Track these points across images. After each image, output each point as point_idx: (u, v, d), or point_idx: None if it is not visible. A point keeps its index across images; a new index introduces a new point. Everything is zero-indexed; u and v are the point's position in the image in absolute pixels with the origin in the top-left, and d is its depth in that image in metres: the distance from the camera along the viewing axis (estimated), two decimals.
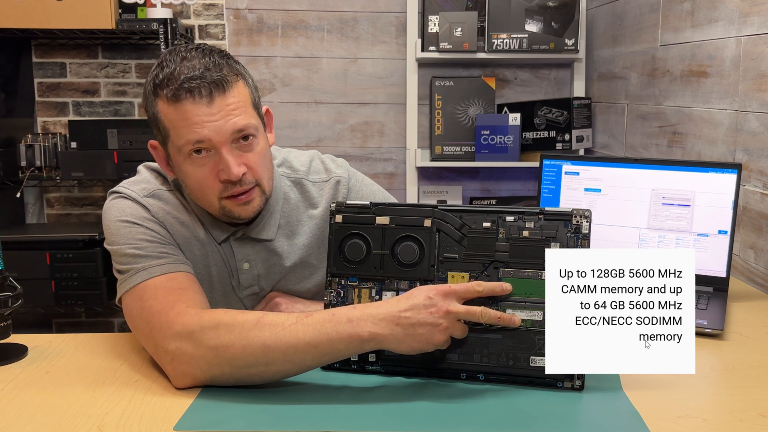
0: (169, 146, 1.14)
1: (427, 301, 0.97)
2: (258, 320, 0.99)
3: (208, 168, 1.12)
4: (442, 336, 0.97)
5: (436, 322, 0.96)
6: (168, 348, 1.01)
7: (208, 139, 1.09)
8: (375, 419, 0.92)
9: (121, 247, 1.13)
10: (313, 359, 0.98)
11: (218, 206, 1.16)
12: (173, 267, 1.12)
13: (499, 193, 3.15)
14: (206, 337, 0.99)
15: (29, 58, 2.97)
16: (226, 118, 1.10)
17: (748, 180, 1.67)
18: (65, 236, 2.71)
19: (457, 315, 0.97)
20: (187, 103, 1.08)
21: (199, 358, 0.99)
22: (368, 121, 3.10)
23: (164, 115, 1.11)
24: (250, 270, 1.24)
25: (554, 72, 3.10)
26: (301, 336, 0.97)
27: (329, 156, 1.35)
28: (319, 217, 1.28)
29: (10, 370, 1.11)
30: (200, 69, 1.09)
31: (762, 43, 1.63)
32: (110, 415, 0.94)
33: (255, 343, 0.97)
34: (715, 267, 1.43)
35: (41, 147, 2.79)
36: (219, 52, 1.13)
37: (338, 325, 0.97)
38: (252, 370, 0.98)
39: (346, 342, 0.96)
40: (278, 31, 3.03)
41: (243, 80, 1.14)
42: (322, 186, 1.30)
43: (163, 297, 1.07)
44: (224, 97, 1.10)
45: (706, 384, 1.06)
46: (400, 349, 0.98)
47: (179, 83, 1.08)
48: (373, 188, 1.35)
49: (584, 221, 1.02)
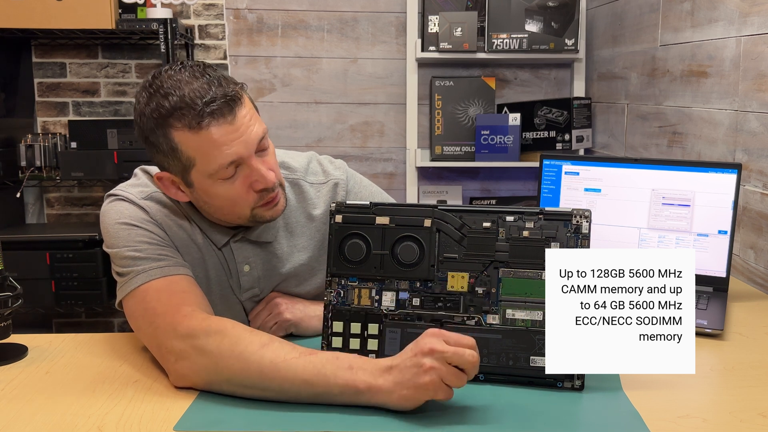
0: (192, 173, 1.10)
1: (413, 347, 0.93)
2: (261, 346, 0.97)
3: (239, 183, 1.11)
4: (428, 377, 0.89)
5: (419, 362, 0.90)
6: (173, 348, 1.01)
7: (240, 156, 1.08)
8: (375, 419, 0.92)
9: (121, 250, 1.12)
10: (308, 397, 0.96)
11: (249, 215, 1.15)
12: (173, 270, 1.12)
13: (499, 193, 3.15)
14: (209, 345, 0.99)
15: (29, 58, 2.97)
16: (249, 130, 1.09)
17: (748, 180, 1.67)
18: (65, 236, 2.71)
19: (442, 354, 0.89)
20: (212, 126, 1.05)
21: (198, 365, 0.99)
22: (368, 121, 3.10)
23: (186, 145, 1.07)
24: (250, 272, 1.24)
25: (554, 72, 3.10)
26: (300, 372, 0.95)
27: (327, 157, 1.35)
28: (317, 219, 1.28)
29: (10, 370, 1.11)
30: (209, 89, 1.06)
31: (762, 43, 1.63)
32: (110, 415, 0.94)
33: (252, 368, 0.96)
34: (715, 267, 1.43)
35: (41, 147, 2.79)
36: (206, 66, 1.11)
37: (338, 369, 0.94)
38: (248, 390, 0.98)
39: (341, 388, 0.93)
40: (278, 31, 3.03)
41: (240, 86, 1.13)
42: (320, 188, 1.29)
43: (167, 299, 1.06)
44: (241, 110, 1.08)
45: (706, 384, 1.06)
46: (393, 402, 0.92)
47: (199, 110, 1.04)
48: (372, 189, 1.35)
49: (584, 221, 1.02)
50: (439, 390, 0.90)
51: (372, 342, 1.06)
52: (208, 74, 1.08)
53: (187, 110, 1.05)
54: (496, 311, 1.03)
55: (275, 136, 3.06)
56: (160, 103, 1.05)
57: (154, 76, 1.08)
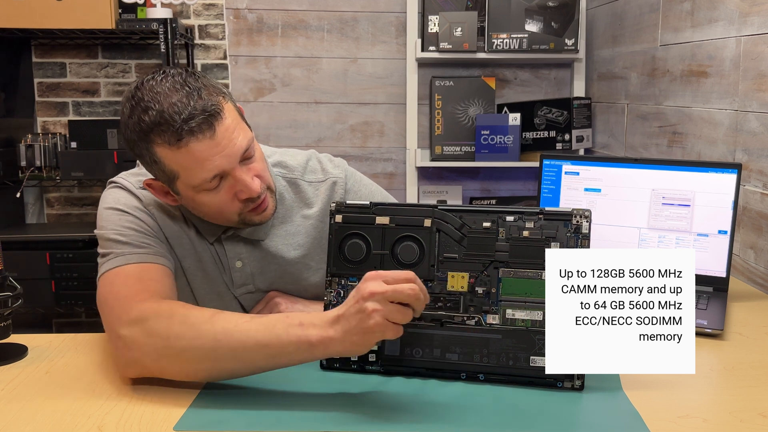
0: (177, 184, 1.11)
1: (355, 293, 0.93)
2: (212, 315, 0.99)
3: (224, 192, 1.11)
4: (372, 320, 0.91)
5: (362, 307, 0.91)
6: (120, 333, 1.01)
7: (222, 169, 1.08)
8: (375, 419, 0.92)
9: (107, 232, 1.14)
10: (264, 359, 0.97)
11: (238, 220, 1.16)
12: (151, 258, 1.12)
13: (499, 193, 3.15)
14: (159, 326, 0.99)
15: (29, 58, 2.97)
16: (231, 143, 1.08)
17: (748, 180, 1.67)
18: (65, 236, 2.71)
19: (383, 295, 0.91)
20: (192, 143, 1.04)
21: (148, 347, 0.99)
22: (368, 121, 3.10)
23: (168, 160, 1.07)
24: (242, 268, 1.24)
25: (554, 72, 3.10)
26: (252, 334, 0.96)
27: (327, 155, 1.35)
28: (314, 217, 1.28)
29: (10, 370, 1.11)
30: (188, 103, 1.04)
31: (762, 43, 1.63)
32: (110, 415, 0.94)
33: (205, 337, 0.97)
34: (715, 267, 1.43)
35: (41, 147, 2.79)
36: (189, 74, 1.08)
37: (290, 327, 0.95)
38: (201, 365, 0.98)
39: (295, 344, 0.95)
40: (278, 31, 3.03)
41: (223, 96, 1.09)
42: (318, 186, 1.29)
43: (132, 284, 1.07)
44: (222, 123, 1.06)
45: (706, 384, 1.06)
46: (345, 349, 0.94)
47: (177, 127, 1.03)
48: (372, 188, 1.35)
49: (584, 221, 1.02)
50: (387, 330, 0.92)
51: None
52: (189, 85, 1.05)
53: (166, 127, 1.03)
54: (496, 311, 1.03)
55: (275, 136, 3.06)
56: (141, 117, 1.04)
57: (137, 87, 1.06)
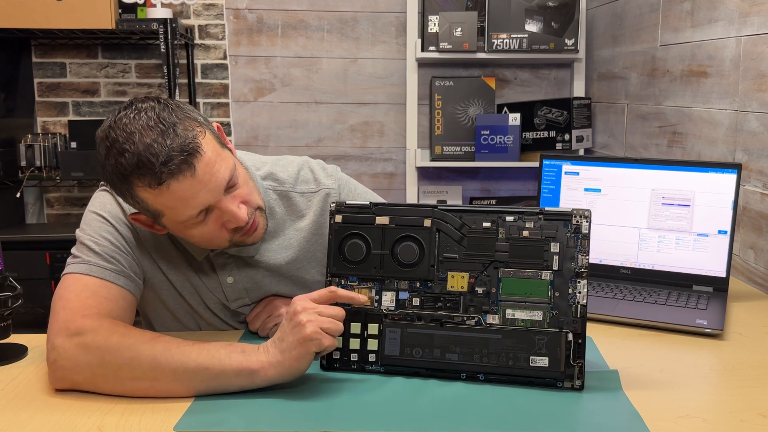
0: (163, 220, 1.08)
1: (287, 315, 1.00)
2: (153, 336, 1.00)
3: (211, 223, 1.08)
4: (308, 329, 0.96)
5: (296, 321, 0.98)
6: (55, 343, 1.01)
7: (207, 204, 1.05)
8: (375, 419, 0.92)
9: (83, 236, 1.14)
10: (203, 382, 0.97)
11: (229, 245, 1.14)
12: (114, 277, 1.11)
13: (499, 193, 3.15)
14: (96, 342, 0.99)
15: (29, 58, 2.97)
16: (214, 178, 1.04)
17: (748, 180, 1.67)
18: (65, 236, 2.71)
19: (314, 309, 0.99)
20: (173, 185, 1.01)
21: (82, 363, 0.99)
22: (368, 121, 3.10)
23: (151, 201, 1.04)
24: (234, 284, 1.23)
25: (554, 72, 3.10)
26: (194, 356, 0.97)
27: (320, 163, 1.31)
28: (306, 230, 1.25)
29: (10, 370, 1.11)
30: (164, 143, 0.99)
31: (762, 43, 1.63)
32: (110, 415, 0.94)
33: (144, 356, 0.97)
34: (715, 267, 1.43)
35: (41, 147, 2.79)
36: (162, 107, 1.03)
37: (232, 353, 0.98)
38: (137, 384, 0.98)
39: (236, 370, 0.98)
40: (278, 31, 3.03)
41: (200, 125, 1.05)
42: (311, 197, 1.26)
43: (85, 297, 1.06)
44: (202, 160, 1.02)
45: (706, 384, 1.06)
46: (285, 369, 0.98)
47: (156, 170, 0.99)
48: (367, 196, 1.32)
49: (584, 221, 1.02)
50: (323, 338, 0.97)
51: (372, 342, 1.06)
52: (163, 122, 1.01)
53: (145, 170, 1.00)
54: (496, 311, 1.03)
55: (275, 136, 3.06)
56: (118, 160, 1.01)
57: (110, 126, 1.02)
